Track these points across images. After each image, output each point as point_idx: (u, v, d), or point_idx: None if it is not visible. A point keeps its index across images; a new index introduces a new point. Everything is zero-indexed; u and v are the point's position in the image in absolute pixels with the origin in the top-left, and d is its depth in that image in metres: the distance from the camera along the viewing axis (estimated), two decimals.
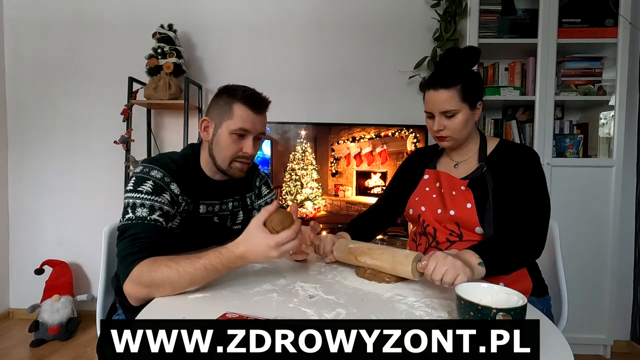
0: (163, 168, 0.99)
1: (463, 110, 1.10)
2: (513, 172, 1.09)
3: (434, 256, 0.86)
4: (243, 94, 1.04)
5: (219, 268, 0.85)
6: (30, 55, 2.41)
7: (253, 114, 1.03)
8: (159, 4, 2.37)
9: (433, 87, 1.11)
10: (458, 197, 1.12)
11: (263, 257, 0.86)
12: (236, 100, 1.03)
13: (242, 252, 0.85)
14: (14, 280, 2.48)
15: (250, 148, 1.05)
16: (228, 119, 1.03)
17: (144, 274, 0.84)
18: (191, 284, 0.84)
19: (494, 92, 2.10)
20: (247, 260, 0.87)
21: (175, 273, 0.82)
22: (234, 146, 1.04)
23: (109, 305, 1.16)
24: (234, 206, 1.18)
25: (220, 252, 0.86)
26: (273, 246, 0.84)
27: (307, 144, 2.18)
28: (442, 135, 1.13)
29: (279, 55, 2.39)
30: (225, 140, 1.04)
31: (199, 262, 0.84)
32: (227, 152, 1.04)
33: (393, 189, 1.36)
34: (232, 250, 0.86)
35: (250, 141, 1.05)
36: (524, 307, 0.63)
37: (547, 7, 1.98)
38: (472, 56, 1.15)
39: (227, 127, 1.03)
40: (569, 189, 2.02)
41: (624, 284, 2.21)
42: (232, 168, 1.07)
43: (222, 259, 0.85)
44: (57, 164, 2.44)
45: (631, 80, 2.08)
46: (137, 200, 0.93)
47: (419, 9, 2.32)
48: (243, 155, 1.06)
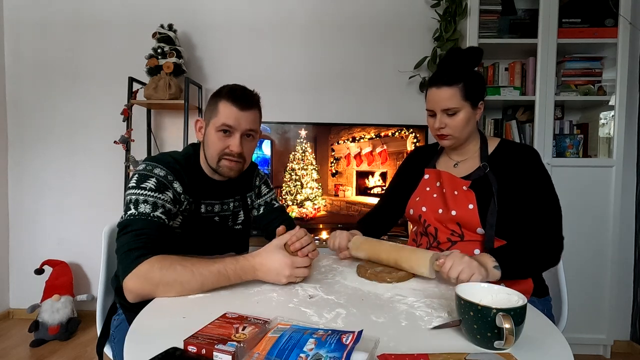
0: (166, 166, 0.99)
1: (464, 108, 1.10)
2: (517, 173, 1.09)
3: (451, 255, 0.91)
4: (227, 90, 1.04)
5: (231, 275, 0.86)
6: (30, 55, 2.41)
7: (237, 110, 1.02)
8: (159, 4, 2.37)
9: (435, 84, 1.12)
10: (460, 197, 1.12)
11: (274, 274, 0.88)
12: (221, 98, 1.04)
13: (257, 263, 0.88)
14: (14, 280, 2.48)
15: (236, 146, 1.03)
16: (214, 116, 1.04)
17: (153, 270, 0.83)
18: (201, 288, 0.84)
19: (494, 92, 2.10)
20: (258, 272, 0.88)
21: (189, 274, 0.83)
22: (219, 143, 1.04)
23: (109, 305, 1.15)
24: (235, 206, 1.18)
25: (237, 259, 0.88)
26: (289, 264, 0.87)
27: (307, 144, 2.18)
28: (443, 133, 1.14)
29: (279, 55, 2.39)
30: (212, 138, 1.04)
31: (214, 266, 0.85)
32: (214, 150, 1.04)
33: (393, 190, 1.36)
34: (248, 259, 0.88)
35: (237, 139, 1.03)
36: (523, 307, 0.63)
37: (547, 7, 1.98)
38: (475, 56, 1.15)
39: (213, 124, 1.04)
40: (569, 189, 2.02)
41: (624, 284, 2.21)
42: (220, 166, 1.06)
43: (237, 267, 0.87)
44: (57, 164, 2.44)
45: (631, 80, 2.08)
46: (140, 197, 0.93)
47: (419, 9, 2.32)
48: (229, 153, 1.04)
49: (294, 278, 0.89)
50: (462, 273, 0.87)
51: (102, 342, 1.10)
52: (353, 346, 0.55)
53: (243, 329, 0.62)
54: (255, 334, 0.61)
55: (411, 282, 0.97)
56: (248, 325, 0.63)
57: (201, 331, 0.62)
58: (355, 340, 0.56)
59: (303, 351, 0.54)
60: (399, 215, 1.36)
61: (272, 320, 0.66)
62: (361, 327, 0.62)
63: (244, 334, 0.61)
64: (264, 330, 0.63)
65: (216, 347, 0.56)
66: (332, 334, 0.59)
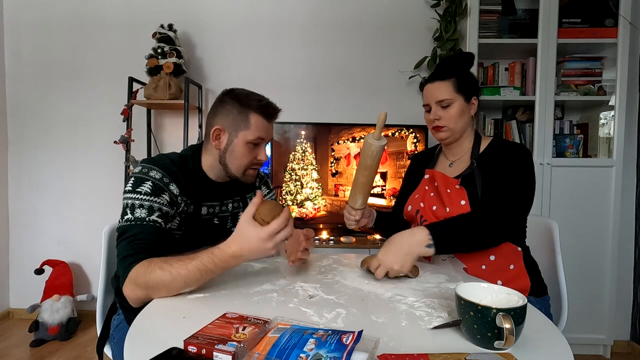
0: (162, 169, 0.99)
1: (458, 100, 1.16)
2: (501, 168, 1.11)
3: (375, 257, 0.99)
4: (259, 104, 1.04)
5: (212, 269, 0.83)
6: (30, 55, 2.41)
7: (267, 123, 1.06)
8: (159, 4, 2.37)
9: (430, 81, 1.20)
10: (452, 195, 1.15)
11: (258, 251, 0.83)
12: (252, 110, 1.03)
13: (235, 251, 0.83)
14: (14, 280, 2.48)
15: (265, 155, 1.08)
16: (245, 129, 1.03)
17: (139, 276, 0.83)
18: (186, 286, 0.83)
19: (494, 92, 2.10)
20: (242, 258, 0.84)
21: (168, 275, 0.82)
22: (250, 155, 1.06)
23: (109, 305, 1.16)
24: (234, 207, 1.18)
25: (213, 252, 0.84)
26: (266, 237, 0.81)
27: (307, 144, 2.18)
28: (438, 125, 1.18)
29: (279, 55, 2.39)
30: (241, 150, 1.04)
31: (191, 264, 0.82)
32: (243, 161, 1.06)
33: (402, 194, 1.41)
34: (225, 250, 0.83)
35: (264, 149, 1.08)
36: (524, 307, 0.63)
37: (547, 7, 1.98)
38: (466, 60, 1.22)
39: (244, 137, 1.03)
40: (569, 189, 2.02)
41: (624, 284, 2.21)
42: (245, 175, 1.09)
43: (215, 260, 0.83)
44: (57, 164, 2.44)
45: (631, 80, 2.08)
46: (135, 201, 0.93)
47: (419, 9, 2.32)
48: (257, 162, 1.08)
49: (279, 245, 0.84)
50: (377, 272, 0.95)
51: (102, 342, 1.10)
52: (353, 346, 0.55)
53: (243, 329, 0.62)
54: (255, 334, 0.61)
55: (411, 282, 0.97)
56: (248, 325, 0.63)
57: (201, 331, 0.62)
58: (356, 340, 0.56)
59: (303, 351, 0.54)
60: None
61: (272, 320, 0.66)
62: (361, 327, 0.62)
63: (244, 334, 0.61)
64: (264, 330, 0.63)
65: (216, 347, 0.56)
66: (332, 334, 0.59)
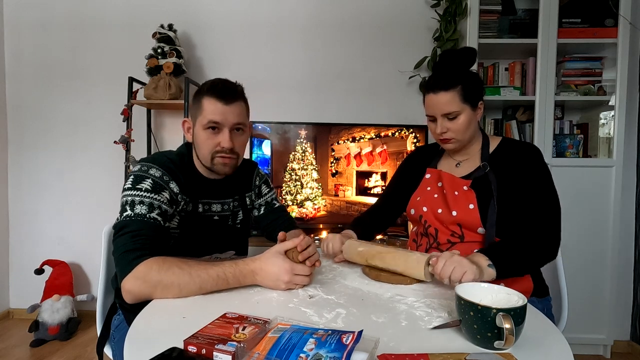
0: (162, 167, 0.99)
1: (465, 111, 1.10)
2: (517, 171, 1.08)
3: (442, 255, 0.90)
4: (209, 85, 1.02)
5: (230, 279, 0.85)
6: (30, 55, 2.41)
7: (222, 104, 1.00)
8: (159, 4, 2.37)
9: (433, 90, 1.11)
10: (460, 197, 1.11)
11: (273, 278, 0.87)
12: (203, 94, 1.02)
13: (255, 268, 0.87)
14: (14, 280, 2.48)
15: (226, 141, 1.01)
16: (199, 114, 1.02)
17: (152, 272, 0.82)
18: (199, 291, 0.84)
19: (494, 92, 2.10)
20: (257, 277, 0.87)
21: (187, 276, 0.82)
22: (210, 142, 1.02)
23: (109, 305, 1.15)
24: (234, 206, 1.18)
25: (237, 263, 0.87)
26: (288, 270, 0.86)
27: (307, 144, 2.18)
28: (446, 137, 1.13)
29: (279, 55, 2.39)
30: (201, 137, 1.02)
31: (212, 270, 0.84)
32: (205, 149, 1.03)
33: (394, 189, 1.36)
34: (247, 262, 0.87)
35: (226, 134, 1.01)
36: (523, 307, 0.63)
37: (547, 7, 1.98)
38: (469, 56, 1.14)
39: (199, 123, 1.02)
40: (569, 189, 2.01)
41: (624, 284, 2.21)
42: (215, 164, 1.04)
43: (236, 270, 0.86)
44: (57, 164, 2.44)
45: (631, 80, 2.08)
46: (136, 198, 0.93)
47: (419, 9, 2.32)
48: (221, 150, 1.02)
49: (292, 285, 0.88)
50: (454, 273, 0.85)
51: (102, 342, 1.10)
52: (353, 346, 0.55)
53: (243, 329, 0.62)
54: (255, 334, 0.61)
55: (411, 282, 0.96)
56: (248, 325, 0.63)
57: (201, 331, 0.62)
58: (355, 340, 0.56)
59: (303, 351, 0.54)
60: (397, 214, 1.35)
61: (272, 320, 0.66)
62: (361, 327, 0.62)
63: (244, 334, 0.61)
64: (264, 330, 0.63)
65: (216, 347, 0.56)
66: (332, 334, 0.59)
